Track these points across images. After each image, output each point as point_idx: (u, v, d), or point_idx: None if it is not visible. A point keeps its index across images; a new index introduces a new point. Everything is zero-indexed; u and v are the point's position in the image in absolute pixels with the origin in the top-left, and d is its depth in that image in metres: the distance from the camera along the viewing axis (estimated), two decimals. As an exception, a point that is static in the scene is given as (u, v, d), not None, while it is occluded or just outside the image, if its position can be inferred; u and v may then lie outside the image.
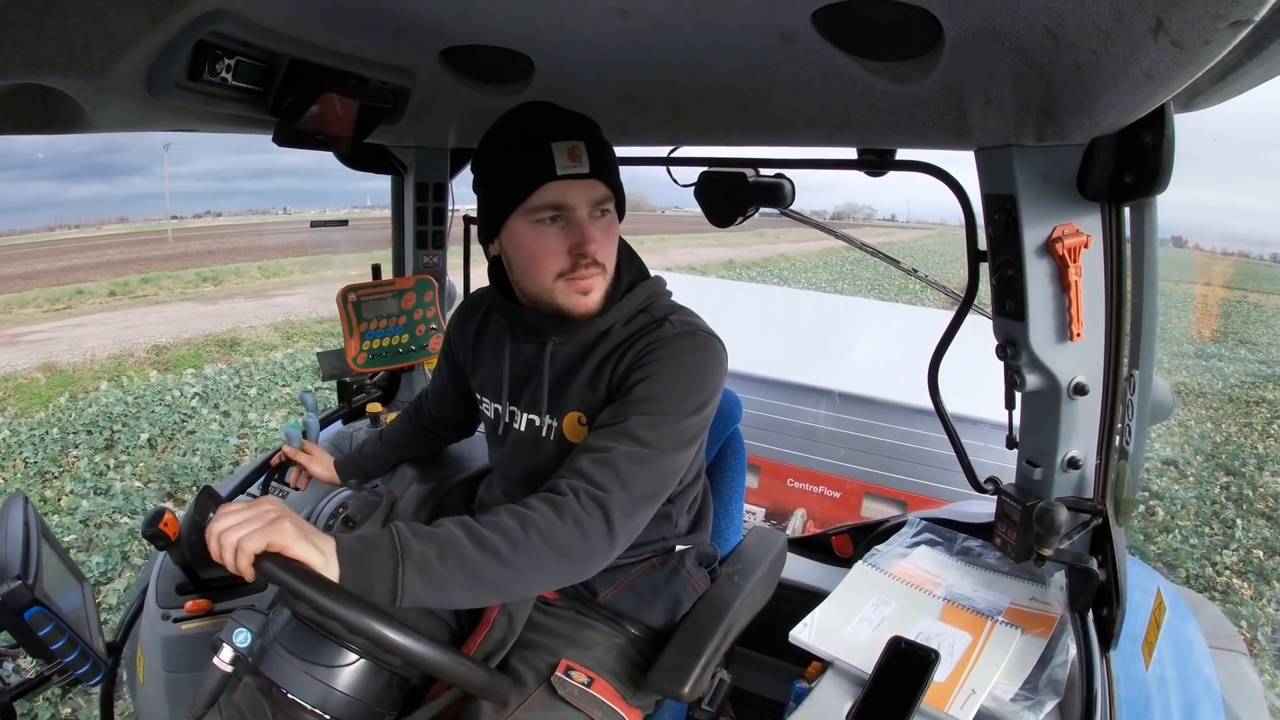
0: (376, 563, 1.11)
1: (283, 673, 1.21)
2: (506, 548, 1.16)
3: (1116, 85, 0.97)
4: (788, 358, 3.92)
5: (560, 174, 1.29)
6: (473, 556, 1.15)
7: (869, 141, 1.72)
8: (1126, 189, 1.27)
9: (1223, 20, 0.70)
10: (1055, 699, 1.29)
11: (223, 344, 10.78)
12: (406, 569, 1.11)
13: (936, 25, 1.07)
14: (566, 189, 1.30)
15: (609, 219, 1.36)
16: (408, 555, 1.12)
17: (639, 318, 1.44)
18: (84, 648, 1.35)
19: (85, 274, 17.14)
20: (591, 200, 1.32)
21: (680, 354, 1.35)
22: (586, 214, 1.33)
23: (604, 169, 1.33)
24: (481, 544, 1.15)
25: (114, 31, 1.08)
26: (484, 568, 1.15)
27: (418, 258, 2.49)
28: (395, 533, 1.14)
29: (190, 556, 1.73)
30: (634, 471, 1.26)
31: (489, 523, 1.18)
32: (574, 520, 1.20)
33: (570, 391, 1.45)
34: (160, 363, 9.69)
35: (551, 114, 1.35)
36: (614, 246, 1.39)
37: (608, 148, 1.37)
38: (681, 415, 1.32)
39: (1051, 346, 1.40)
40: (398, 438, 1.95)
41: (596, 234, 1.33)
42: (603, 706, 1.39)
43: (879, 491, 3.69)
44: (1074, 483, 1.51)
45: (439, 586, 1.14)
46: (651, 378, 1.32)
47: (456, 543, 1.15)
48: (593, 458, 1.26)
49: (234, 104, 1.40)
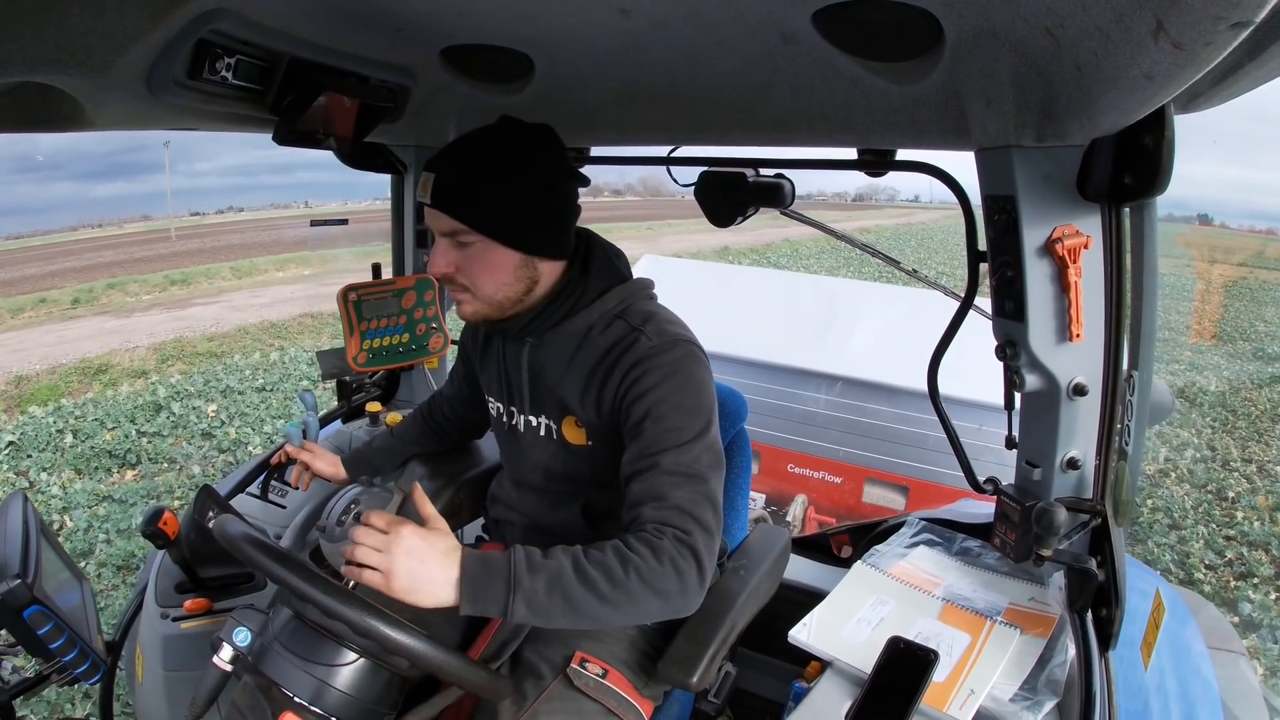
0: (492, 589, 1.21)
1: (282, 671, 1.21)
2: (607, 586, 1.23)
3: (1116, 86, 0.97)
4: (788, 342, 3.92)
5: (418, 200, 1.45)
6: (576, 592, 1.22)
7: (869, 142, 1.72)
8: (1126, 190, 1.27)
9: (1223, 22, 0.70)
10: (1054, 699, 1.30)
11: (88, 371, 9.51)
12: (516, 599, 1.20)
13: (937, 26, 1.07)
14: (430, 215, 1.40)
15: (474, 248, 1.40)
16: (519, 587, 1.20)
17: (616, 324, 1.47)
18: (83, 646, 1.35)
19: (63, 279, 16.61)
20: (440, 229, 1.39)
21: (669, 376, 1.39)
22: (441, 239, 1.41)
23: (449, 203, 1.36)
24: (585, 580, 1.22)
25: (114, 29, 1.08)
26: (585, 604, 1.22)
27: (418, 257, 2.48)
28: (512, 562, 1.22)
29: (189, 555, 1.73)
30: (695, 503, 1.32)
31: (595, 559, 1.24)
32: (670, 562, 1.26)
33: (557, 394, 1.50)
34: (16, 396, 8.52)
35: (447, 146, 1.41)
36: (482, 271, 1.41)
37: (470, 184, 1.37)
38: (702, 434, 1.37)
39: (1051, 347, 1.40)
40: (408, 434, 1.98)
41: (453, 258, 1.40)
42: (617, 697, 1.42)
43: (880, 477, 3.69)
44: (1073, 483, 1.51)
45: (542, 614, 1.22)
46: (652, 413, 1.37)
47: (563, 577, 1.22)
48: (655, 506, 1.31)
49: (234, 102, 1.40)
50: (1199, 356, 11.73)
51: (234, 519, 1.37)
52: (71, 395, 8.34)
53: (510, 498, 1.66)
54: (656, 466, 1.34)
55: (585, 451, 1.51)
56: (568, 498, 1.56)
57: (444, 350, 2.53)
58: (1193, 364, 11.02)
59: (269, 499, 2.10)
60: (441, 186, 1.35)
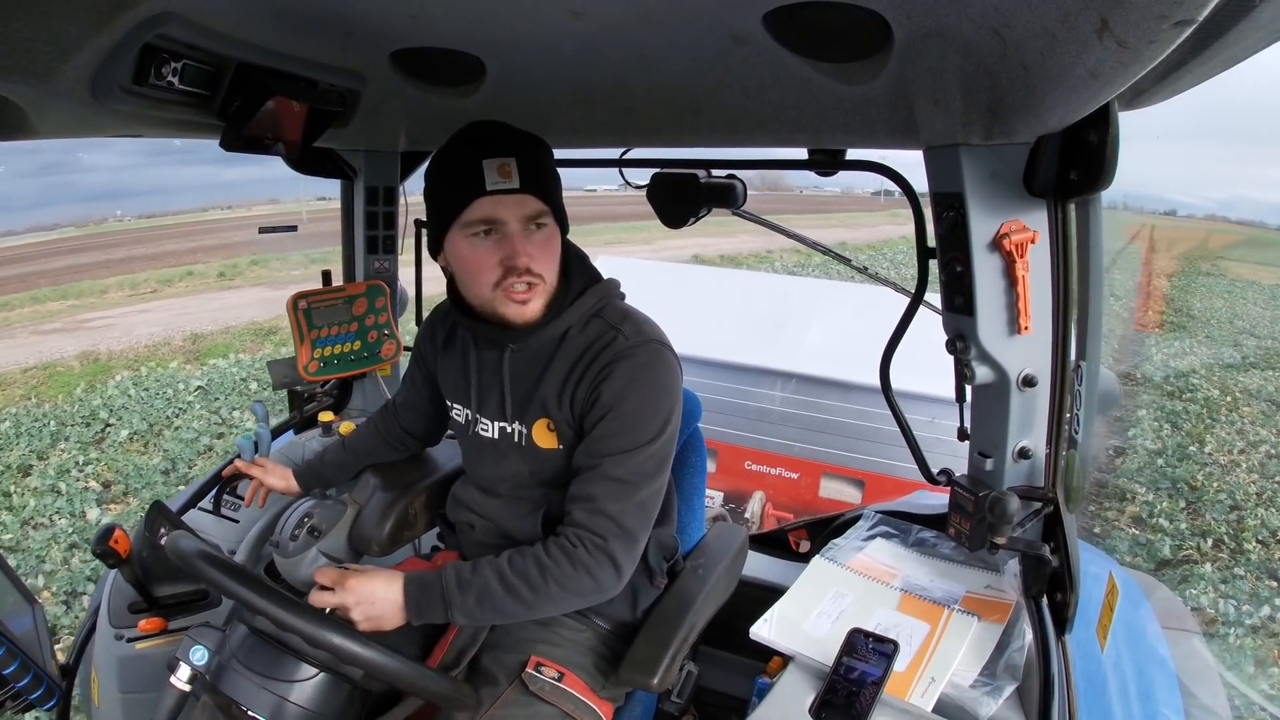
0: (432, 606, 1.40)
1: (241, 689, 1.19)
2: (529, 593, 1.38)
3: (1062, 85, 1.00)
4: (742, 341, 3.94)
5: (489, 189, 1.34)
6: (504, 601, 1.39)
7: (819, 141, 1.75)
8: (1072, 186, 1.30)
9: (1167, 20, 0.72)
10: (1013, 683, 1.32)
11: (259, 333, 10.82)
12: (454, 613, 1.40)
13: (886, 27, 1.08)
14: (497, 204, 1.35)
15: (546, 232, 1.40)
16: (452, 605, 1.39)
17: (594, 323, 1.47)
18: (37, 671, 1.31)
19: (205, 255, 17.53)
20: (522, 215, 1.37)
21: (638, 377, 1.42)
22: (518, 228, 1.37)
23: (537, 185, 1.36)
24: (509, 589, 1.38)
25: (58, 35, 1.05)
26: (513, 608, 1.40)
27: (368, 263, 2.45)
28: (444, 585, 1.40)
29: (142, 573, 1.69)
30: (622, 511, 1.39)
31: (518, 569, 1.40)
32: (584, 568, 1.38)
33: (534, 398, 1.49)
34: (195, 351, 9.85)
35: (490, 131, 1.39)
36: (552, 258, 1.42)
37: (545, 165, 1.41)
38: (648, 444, 1.41)
39: (1000, 340, 1.43)
40: (362, 445, 1.94)
41: (530, 247, 1.38)
42: (574, 700, 1.43)
43: (836, 471, 3.73)
44: (1025, 472, 1.54)
45: (477, 619, 1.42)
46: (613, 410, 1.41)
47: (489, 590, 1.39)
48: (584, 508, 1.40)
49: (181, 108, 1.37)
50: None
51: (187, 535, 1.35)
52: (246, 352, 9.72)
53: (474, 502, 1.64)
54: (597, 468, 1.40)
55: (554, 456, 1.50)
56: (531, 504, 1.55)
57: (396, 357, 2.51)
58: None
59: (222, 514, 2.06)
60: (528, 168, 1.35)
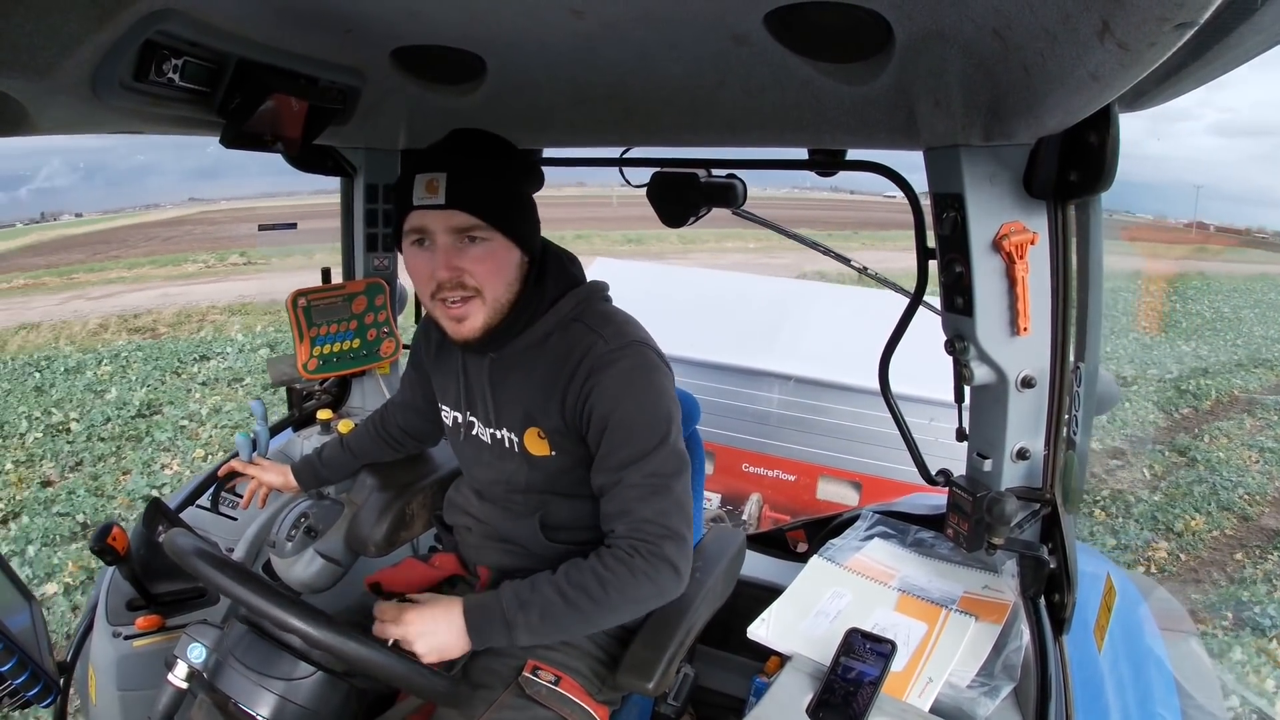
0: (493, 630, 1.35)
1: (239, 687, 1.19)
2: (591, 606, 1.35)
3: (1063, 86, 0.99)
4: (740, 343, 3.92)
5: (415, 204, 1.37)
6: (566, 616, 1.35)
7: (820, 142, 1.74)
8: (1072, 187, 1.30)
9: (1168, 22, 0.71)
10: (1011, 684, 1.32)
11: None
12: (516, 633, 1.35)
13: (886, 27, 1.08)
14: (424, 217, 1.37)
15: (484, 246, 1.39)
16: (515, 626, 1.34)
17: (574, 327, 1.47)
18: (34, 668, 1.31)
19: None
20: (449, 228, 1.37)
21: (630, 382, 1.42)
22: (447, 241, 1.38)
23: (466, 200, 1.35)
24: (571, 604, 1.35)
25: (59, 31, 1.04)
26: (575, 623, 1.38)
27: (368, 261, 2.44)
28: (503, 606, 1.35)
29: (140, 571, 1.69)
30: (662, 512, 1.38)
31: (576, 583, 1.36)
32: (643, 575, 1.36)
33: (519, 404, 1.49)
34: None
35: (436, 145, 1.41)
36: (491, 271, 1.40)
37: (482, 179, 1.38)
38: (664, 441, 1.41)
39: (999, 341, 1.43)
40: (359, 445, 1.93)
41: (460, 260, 1.38)
42: (571, 704, 1.43)
43: (833, 473, 3.73)
44: (1023, 473, 1.54)
45: (541, 638, 1.38)
46: (612, 421, 1.40)
47: (552, 608, 1.35)
48: (625, 523, 1.39)
49: (181, 105, 1.37)
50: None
51: (185, 533, 1.34)
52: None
53: (470, 506, 1.65)
54: (622, 481, 1.38)
55: (547, 462, 1.50)
56: (527, 509, 1.55)
57: (395, 355, 2.50)
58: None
59: (220, 511, 2.06)
60: (457, 182, 1.34)
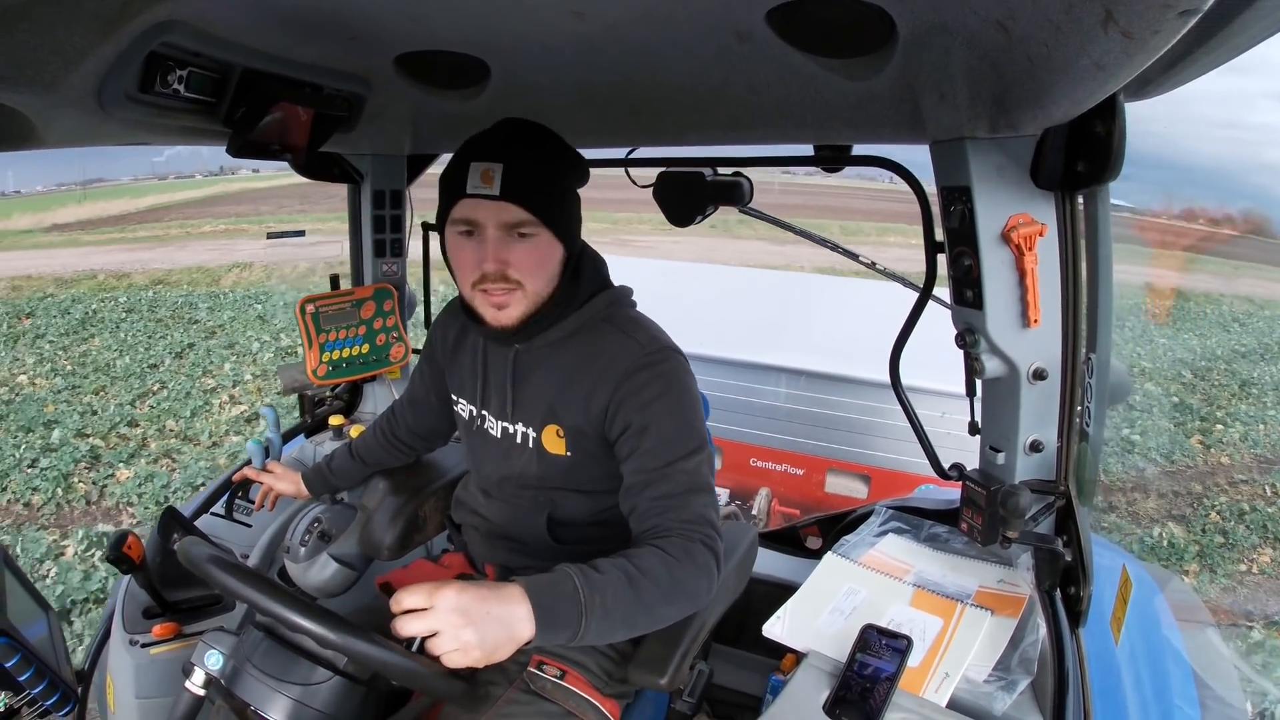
0: (566, 618, 1.19)
1: (256, 693, 1.20)
2: (655, 595, 1.27)
3: (1067, 76, 0.99)
4: (747, 338, 3.93)
5: (469, 192, 1.35)
6: (630, 608, 1.25)
7: (825, 137, 1.74)
8: (1079, 177, 1.30)
9: (1171, 10, 0.71)
10: (1028, 678, 1.32)
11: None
12: (589, 624, 1.20)
13: (890, 22, 1.08)
14: (476, 207, 1.36)
15: (532, 241, 1.39)
16: (590, 611, 1.20)
17: (604, 329, 1.48)
18: (52, 677, 1.32)
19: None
20: (500, 221, 1.36)
21: (671, 387, 1.42)
22: (496, 234, 1.37)
23: (521, 194, 1.35)
24: (637, 592, 1.25)
25: (64, 45, 1.05)
26: (638, 619, 1.28)
27: (376, 266, 2.45)
28: (579, 588, 1.20)
29: (156, 579, 1.69)
30: (710, 511, 1.38)
31: (648, 569, 1.27)
32: (704, 569, 1.32)
33: (541, 399, 1.49)
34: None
35: (492, 134, 1.40)
36: (536, 267, 1.41)
37: (539, 174, 1.38)
38: (703, 445, 1.43)
39: (1010, 333, 1.43)
40: (368, 451, 1.94)
41: (507, 254, 1.38)
42: (576, 698, 1.43)
43: (842, 467, 3.73)
44: (1036, 465, 1.53)
45: (604, 635, 1.24)
46: (661, 422, 1.40)
47: (620, 595, 1.23)
48: (677, 518, 1.35)
49: (187, 115, 1.37)
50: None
51: (199, 541, 1.35)
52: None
53: (477, 503, 1.65)
54: (670, 478, 1.37)
55: (563, 461, 1.50)
56: (535, 505, 1.55)
57: (405, 360, 2.51)
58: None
59: (234, 518, 2.07)
60: (513, 176, 1.34)
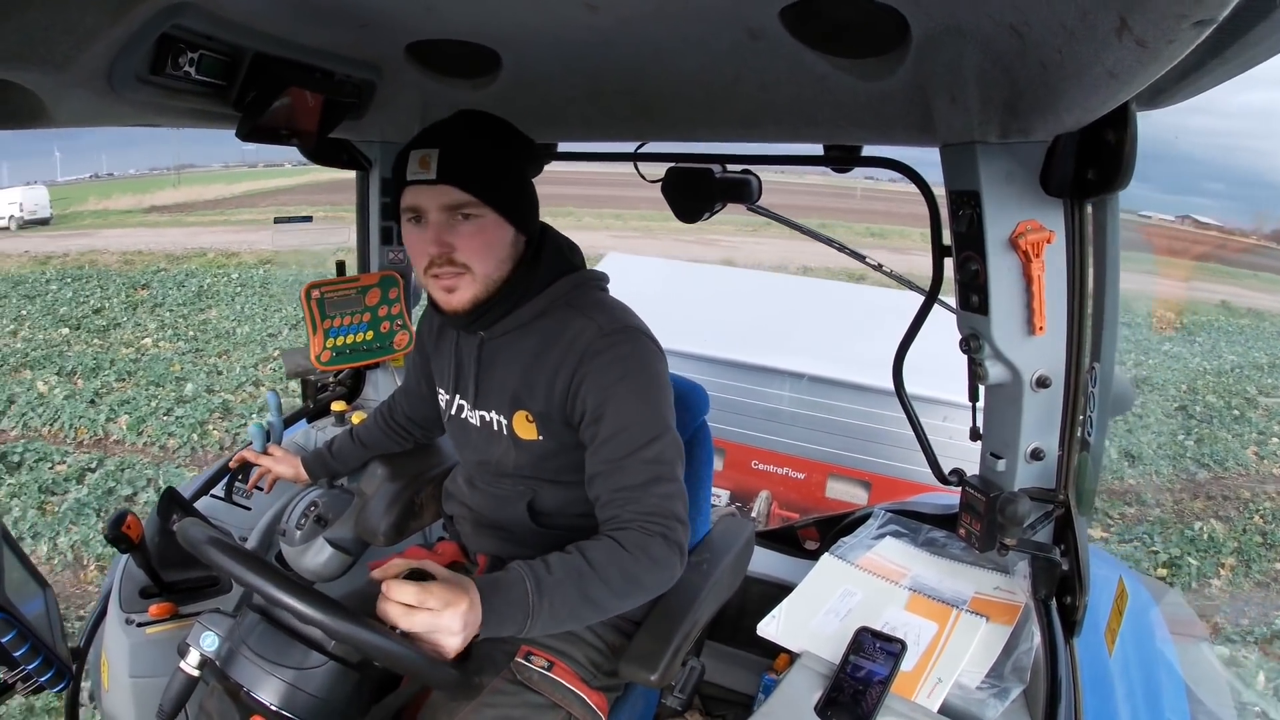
0: (511, 618, 1.24)
1: (250, 675, 1.20)
2: (604, 590, 1.30)
3: (1080, 83, 0.99)
4: (751, 340, 3.91)
5: (409, 180, 1.39)
6: (581, 607, 1.29)
7: (835, 137, 1.74)
8: (1089, 185, 1.29)
9: (1186, 20, 0.71)
10: (1020, 686, 1.32)
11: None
12: (534, 622, 1.25)
13: (903, 23, 1.08)
14: (419, 193, 1.39)
15: (476, 223, 1.40)
16: (537, 614, 1.24)
17: (565, 312, 1.48)
18: (47, 654, 1.32)
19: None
20: (440, 204, 1.38)
21: (631, 370, 1.42)
22: (438, 217, 1.39)
23: (459, 176, 1.36)
24: (587, 585, 1.29)
25: (76, 25, 1.05)
26: (586, 613, 1.31)
27: (382, 254, 2.45)
28: (529, 591, 1.25)
29: (154, 559, 1.70)
30: (671, 500, 1.38)
31: (600, 565, 1.30)
32: (661, 560, 1.34)
33: (506, 386, 1.50)
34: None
35: (435, 124, 1.41)
36: (481, 249, 1.41)
37: (477, 156, 1.39)
38: (665, 431, 1.41)
39: (1014, 340, 1.42)
40: (369, 436, 1.95)
41: (452, 236, 1.39)
42: (563, 689, 1.44)
43: (843, 472, 3.72)
44: (1037, 474, 1.53)
45: (550, 628, 1.29)
46: (619, 406, 1.40)
47: (569, 590, 1.27)
48: (636, 509, 1.36)
49: (197, 98, 1.38)
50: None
51: (198, 522, 1.35)
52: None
53: (463, 493, 1.66)
54: (626, 468, 1.37)
55: (535, 446, 1.50)
56: (515, 494, 1.56)
57: (409, 348, 2.51)
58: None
59: (234, 501, 2.08)
60: (449, 159, 1.35)
